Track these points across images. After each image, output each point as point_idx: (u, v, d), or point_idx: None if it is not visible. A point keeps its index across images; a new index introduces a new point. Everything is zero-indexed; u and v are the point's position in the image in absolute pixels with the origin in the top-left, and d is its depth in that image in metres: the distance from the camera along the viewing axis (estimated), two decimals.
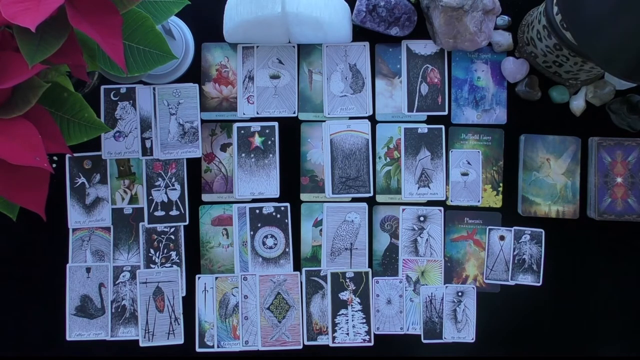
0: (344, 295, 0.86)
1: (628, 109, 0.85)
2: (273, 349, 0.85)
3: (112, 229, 0.86)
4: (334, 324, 0.86)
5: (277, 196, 0.86)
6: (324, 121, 0.87)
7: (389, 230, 0.87)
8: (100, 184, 0.86)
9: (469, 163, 0.87)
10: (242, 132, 0.87)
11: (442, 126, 0.87)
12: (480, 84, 0.87)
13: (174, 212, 0.86)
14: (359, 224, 0.86)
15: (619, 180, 0.85)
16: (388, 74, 0.88)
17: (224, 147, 0.87)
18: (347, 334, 0.85)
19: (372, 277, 0.86)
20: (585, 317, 0.87)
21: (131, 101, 0.86)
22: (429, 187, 0.87)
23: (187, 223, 0.86)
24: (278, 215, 0.86)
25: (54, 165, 0.86)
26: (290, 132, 0.87)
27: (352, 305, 0.86)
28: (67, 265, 0.85)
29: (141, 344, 0.85)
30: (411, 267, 0.86)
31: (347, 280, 0.86)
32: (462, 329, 0.86)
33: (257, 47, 0.87)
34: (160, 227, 0.86)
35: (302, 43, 0.87)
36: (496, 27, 0.86)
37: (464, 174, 0.87)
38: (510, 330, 0.87)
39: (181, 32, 0.84)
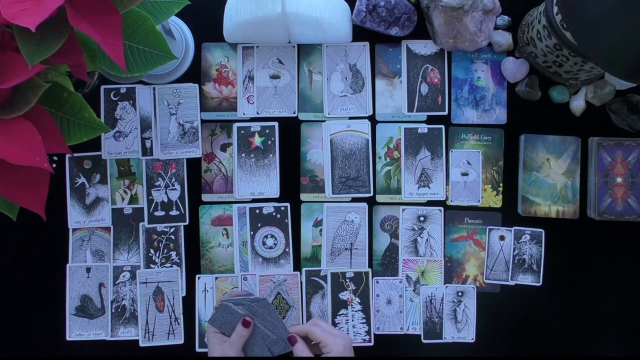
0: (344, 295, 0.86)
1: (628, 109, 0.85)
2: None
3: (112, 229, 0.86)
4: (334, 324, 0.85)
5: (277, 196, 0.86)
6: (324, 121, 0.87)
7: (389, 230, 0.87)
8: (100, 184, 0.86)
9: (469, 163, 0.87)
10: (242, 132, 0.87)
11: (442, 126, 0.87)
12: (480, 84, 0.87)
13: (174, 212, 0.86)
14: (359, 224, 0.86)
15: (619, 180, 0.85)
16: (388, 74, 0.88)
17: (224, 147, 0.87)
18: (347, 334, 0.85)
19: (372, 277, 0.86)
20: (585, 317, 0.87)
21: (131, 101, 0.86)
22: (429, 187, 0.87)
23: (187, 223, 0.86)
24: (278, 215, 0.86)
25: (54, 165, 0.86)
26: (290, 132, 0.87)
27: (352, 305, 0.86)
28: (67, 265, 0.85)
29: (141, 344, 0.85)
30: (411, 267, 0.86)
31: (347, 280, 0.86)
32: (462, 329, 0.86)
33: (257, 47, 0.87)
34: (160, 227, 0.86)
35: (302, 43, 0.87)
36: (496, 27, 0.86)
37: (464, 174, 0.87)
38: (510, 330, 0.87)
39: (181, 32, 0.84)
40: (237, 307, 0.75)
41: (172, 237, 0.86)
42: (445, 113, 0.87)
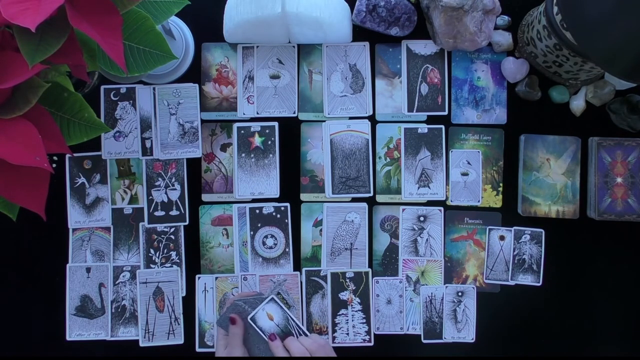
0: (344, 295, 0.86)
1: (628, 109, 0.85)
2: None
3: (112, 229, 0.86)
4: (334, 324, 0.86)
5: (277, 196, 0.86)
6: (324, 121, 0.87)
7: (389, 230, 0.87)
8: (100, 184, 0.86)
9: (469, 163, 0.87)
10: (242, 132, 0.87)
11: (442, 126, 0.87)
12: (480, 84, 0.87)
13: (174, 212, 0.86)
14: (359, 224, 0.86)
15: (619, 180, 0.85)
16: (388, 74, 0.88)
17: (224, 147, 0.87)
18: (347, 334, 0.85)
19: (372, 277, 0.86)
20: (585, 317, 0.87)
21: (131, 101, 0.86)
22: (429, 187, 0.87)
23: (187, 223, 0.86)
24: (278, 215, 0.86)
25: (54, 165, 0.86)
26: (290, 132, 0.87)
27: (352, 305, 0.86)
28: (67, 265, 0.85)
29: (141, 344, 0.85)
30: (411, 267, 0.86)
31: (347, 280, 0.86)
32: (462, 329, 0.86)
33: (257, 47, 0.87)
34: (160, 227, 0.86)
35: (302, 43, 0.87)
36: (496, 27, 0.86)
37: (464, 174, 0.87)
38: (510, 330, 0.87)
39: (181, 32, 0.84)
40: (247, 306, 0.75)
41: (172, 237, 0.86)
42: (445, 113, 0.87)
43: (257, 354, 0.74)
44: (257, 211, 0.86)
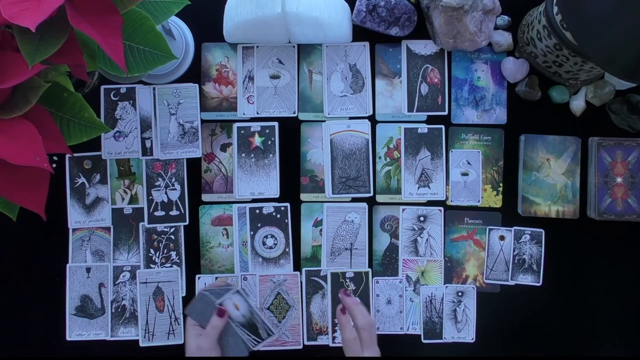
0: None
1: (628, 109, 0.85)
2: (273, 349, 0.85)
3: (112, 229, 0.86)
4: (334, 324, 0.85)
5: (277, 196, 0.86)
6: (324, 121, 0.87)
7: (389, 230, 0.87)
8: (100, 184, 0.86)
9: (469, 163, 0.87)
10: (242, 132, 0.87)
11: (442, 126, 0.87)
12: (480, 84, 0.87)
13: (174, 212, 0.86)
14: (359, 224, 0.86)
15: (619, 180, 0.85)
16: (388, 74, 0.88)
17: (224, 147, 0.87)
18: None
19: (372, 277, 0.86)
20: (585, 317, 0.87)
21: (131, 101, 0.86)
22: (429, 187, 0.87)
23: (187, 223, 0.86)
24: (278, 215, 0.86)
25: (54, 165, 0.86)
26: (290, 132, 0.87)
27: None
28: (67, 265, 0.85)
29: (141, 344, 0.85)
30: (411, 267, 0.86)
31: (347, 280, 0.86)
32: (462, 329, 0.86)
33: (257, 47, 0.87)
34: (160, 227, 0.86)
35: (302, 43, 0.87)
36: (496, 27, 0.86)
37: (464, 174, 0.87)
38: (510, 330, 0.87)
39: (181, 32, 0.84)
40: (214, 297, 0.76)
41: (172, 237, 0.86)
42: (445, 113, 0.87)
43: (224, 345, 0.75)
44: (257, 211, 0.86)
